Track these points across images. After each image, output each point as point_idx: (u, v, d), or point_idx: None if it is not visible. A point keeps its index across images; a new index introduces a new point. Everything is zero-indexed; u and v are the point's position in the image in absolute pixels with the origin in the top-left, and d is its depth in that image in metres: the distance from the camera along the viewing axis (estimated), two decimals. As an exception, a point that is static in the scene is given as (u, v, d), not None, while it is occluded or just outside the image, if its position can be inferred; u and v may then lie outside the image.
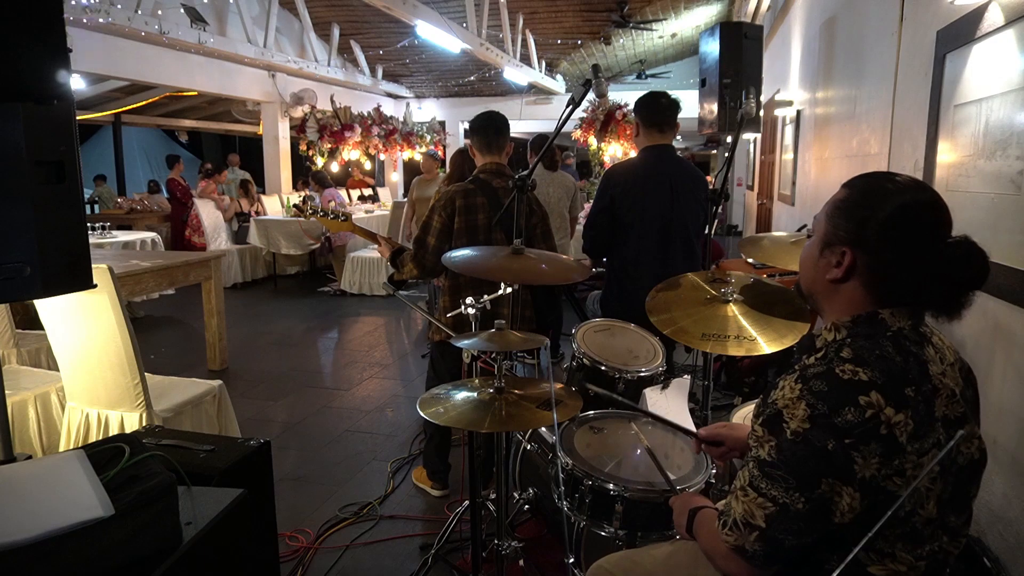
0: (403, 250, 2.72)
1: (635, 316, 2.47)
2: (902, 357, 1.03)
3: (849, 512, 1.00)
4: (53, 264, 1.52)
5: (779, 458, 1.02)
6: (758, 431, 1.07)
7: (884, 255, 1.07)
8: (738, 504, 1.07)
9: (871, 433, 0.97)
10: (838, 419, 0.98)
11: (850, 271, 1.09)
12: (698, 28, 10.47)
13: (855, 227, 1.08)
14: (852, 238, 1.08)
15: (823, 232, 1.14)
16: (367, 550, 2.61)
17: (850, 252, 1.08)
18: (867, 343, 1.05)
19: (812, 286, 1.18)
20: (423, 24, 6.89)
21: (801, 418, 1.00)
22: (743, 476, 1.08)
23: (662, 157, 2.94)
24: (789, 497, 1.01)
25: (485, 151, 2.79)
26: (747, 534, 1.05)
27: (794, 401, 1.02)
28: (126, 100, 10.89)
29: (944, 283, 1.05)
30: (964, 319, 1.09)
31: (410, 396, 4.34)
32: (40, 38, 1.47)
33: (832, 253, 1.11)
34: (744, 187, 10.42)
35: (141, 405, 2.59)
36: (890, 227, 1.05)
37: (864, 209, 1.08)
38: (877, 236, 1.06)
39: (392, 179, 12.80)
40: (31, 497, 1.18)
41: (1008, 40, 1.69)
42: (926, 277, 1.06)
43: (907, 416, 0.99)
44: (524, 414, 1.66)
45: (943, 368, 1.07)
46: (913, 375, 1.02)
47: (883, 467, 0.98)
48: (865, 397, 0.98)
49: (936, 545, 1.06)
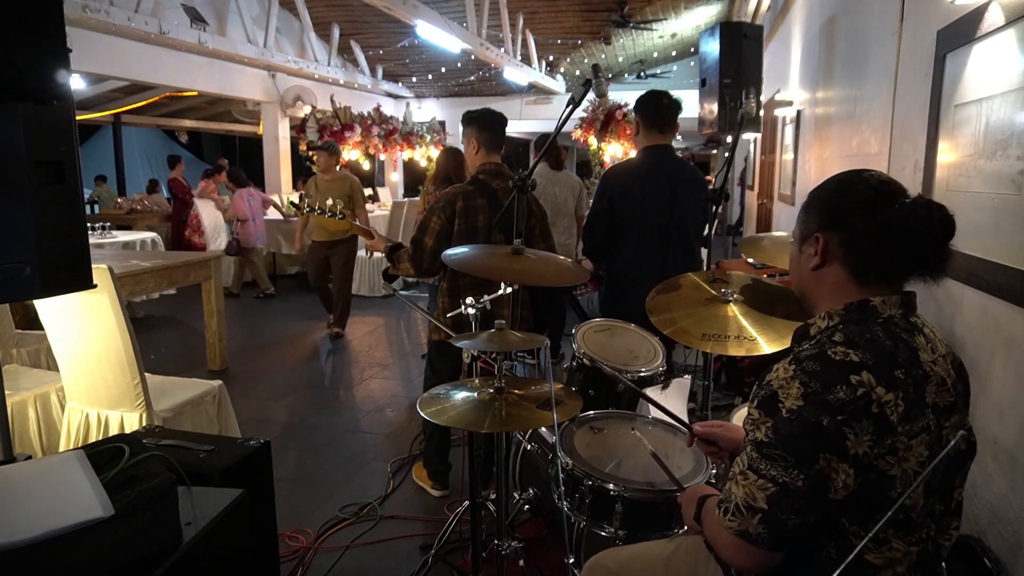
0: (399, 246, 2.72)
1: (634, 316, 2.47)
2: (892, 341, 1.08)
3: (844, 489, 1.03)
4: (53, 264, 1.52)
5: (776, 437, 1.05)
6: (754, 414, 1.10)
7: (853, 225, 1.13)
8: (739, 488, 1.09)
9: (863, 411, 1.01)
10: (830, 396, 1.02)
11: (826, 253, 1.16)
12: (698, 28, 10.47)
13: (821, 214, 1.18)
14: (821, 222, 1.17)
15: (798, 231, 1.24)
16: (367, 550, 2.61)
17: (822, 235, 1.16)
18: (858, 328, 1.10)
19: (800, 283, 1.25)
20: (423, 24, 6.88)
21: (795, 396, 1.04)
22: (741, 461, 1.10)
23: (661, 157, 2.94)
24: (789, 475, 1.03)
25: (492, 149, 2.78)
26: (750, 517, 1.07)
27: (788, 381, 1.06)
28: (126, 100, 10.88)
29: (915, 239, 1.10)
30: (964, 319, 1.10)
31: (410, 396, 4.34)
32: (40, 38, 1.46)
33: (809, 244, 1.20)
34: (744, 187, 10.41)
35: (141, 405, 2.59)
36: (853, 202, 1.13)
37: (825, 199, 1.18)
38: (843, 212, 1.14)
39: (392, 179, 12.80)
40: (31, 497, 1.18)
41: (1008, 40, 1.69)
42: (896, 236, 1.10)
43: (897, 397, 1.03)
44: (524, 414, 1.67)
45: (934, 357, 1.11)
46: (903, 359, 1.06)
47: (875, 445, 1.02)
48: (856, 376, 1.02)
49: (925, 533, 1.10)
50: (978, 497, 1.76)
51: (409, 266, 2.67)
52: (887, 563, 1.08)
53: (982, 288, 1.76)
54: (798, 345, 1.17)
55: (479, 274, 2.22)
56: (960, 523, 1.17)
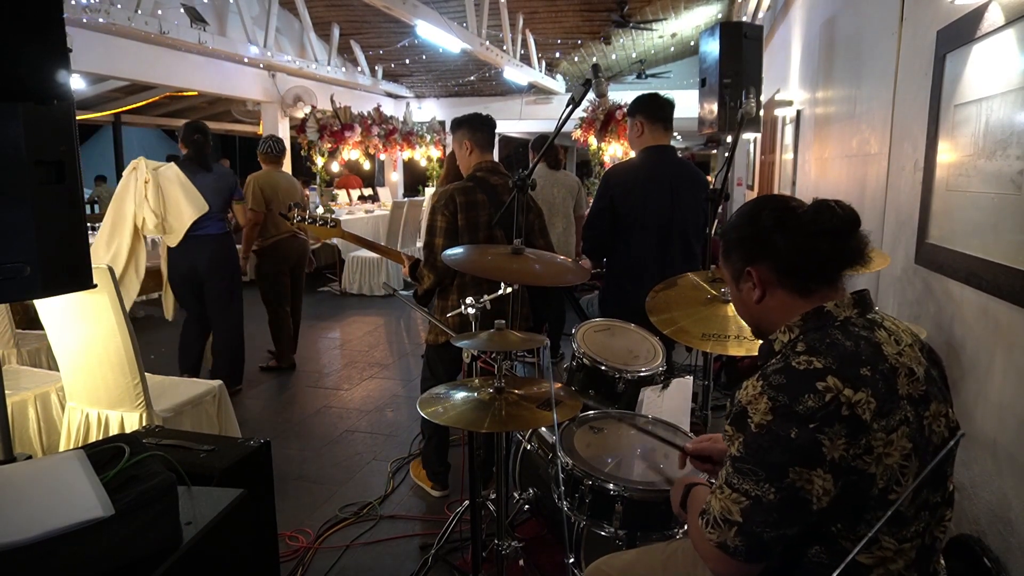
0: (418, 262, 2.70)
1: (634, 316, 2.47)
2: (852, 342, 1.10)
3: (825, 496, 1.03)
4: (53, 264, 1.52)
5: (746, 452, 1.07)
6: (728, 430, 1.12)
7: (775, 248, 1.17)
8: (716, 502, 1.11)
9: (833, 415, 1.02)
10: (799, 407, 1.03)
11: (763, 283, 1.20)
12: (698, 28, 10.46)
13: (743, 250, 1.22)
14: (747, 258, 1.21)
15: (728, 275, 1.28)
16: (367, 550, 2.61)
17: (753, 269, 1.20)
18: (817, 335, 1.12)
19: (752, 318, 1.29)
20: (423, 24, 6.88)
21: (763, 411, 1.05)
22: (720, 475, 1.13)
23: (663, 158, 2.95)
24: (760, 489, 1.05)
25: (485, 149, 2.81)
26: (727, 530, 1.08)
27: (756, 397, 1.07)
28: (126, 100, 10.88)
29: (832, 237, 1.14)
30: (964, 319, 1.10)
31: (410, 396, 4.34)
32: (40, 38, 1.46)
33: (744, 281, 1.23)
34: (744, 187, 10.42)
35: (141, 405, 2.59)
36: (766, 227, 1.17)
37: (739, 236, 1.23)
38: (760, 240, 1.18)
39: (392, 179, 12.80)
40: (31, 497, 1.18)
41: (1008, 40, 1.69)
42: (815, 240, 1.14)
43: (867, 395, 1.04)
44: (524, 414, 1.66)
45: (899, 349, 1.12)
46: (866, 356, 1.08)
47: (850, 447, 1.02)
48: (822, 382, 1.04)
49: (920, 526, 1.10)
50: (978, 497, 1.76)
51: (428, 273, 2.65)
52: (878, 562, 1.08)
53: (982, 288, 1.76)
54: (764, 362, 1.18)
55: (479, 274, 2.22)
56: (952, 513, 1.18)
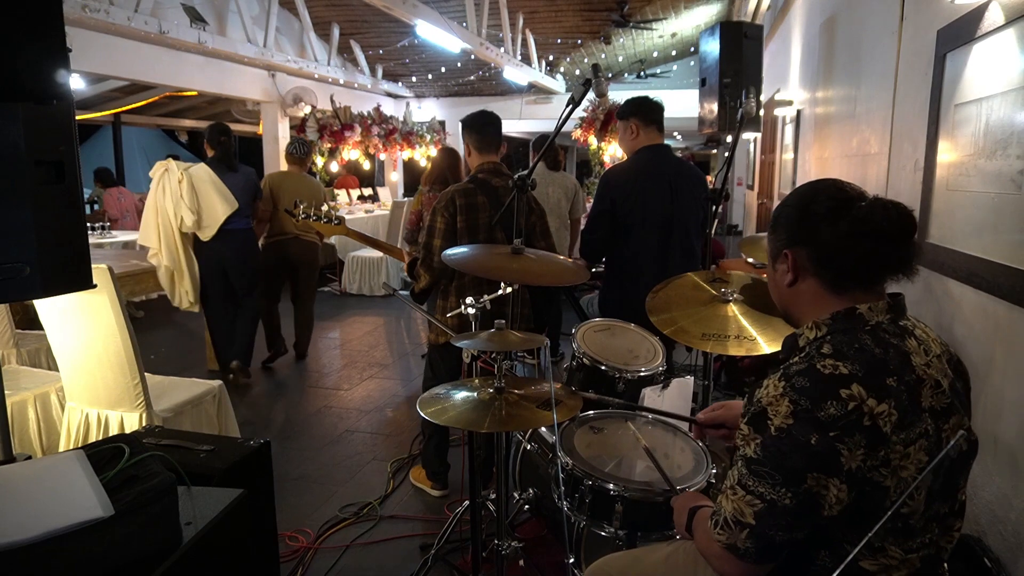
0: (416, 261, 2.71)
1: (634, 316, 2.47)
2: (881, 349, 1.07)
3: (837, 504, 1.02)
4: (53, 264, 1.52)
5: (764, 455, 1.05)
6: (744, 430, 1.10)
7: (818, 238, 1.13)
8: (728, 503, 1.09)
9: (855, 425, 1.00)
10: (821, 413, 1.01)
11: (797, 269, 1.17)
12: (698, 28, 10.46)
13: (787, 231, 1.20)
14: (788, 239, 1.19)
15: (768, 252, 1.26)
16: (367, 550, 2.61)
17: (790, 252, 1.18)
18: (846, 338, 1.09)
19: (781, 300, 1.26)
20: (423, 24, 6.88)
21: (784, 414, 1.03)
22: (732, 475, 1.10)
23: (661, 157, 2.95)
24: (776, 493, 1.03)
25: (485, 150, 2.79)
26: (738, 532, 1.07)
27: (777, 398, 1.05)
28: (126, 100, 10.86)
29: (879, 240, 1.10)
30: (964, 319, 1.10)
31: (410, 396, 4.34)
32: (40, 38, 1.46)
33: (780, 262, 1.21)
34: (744, 186, 10.42)
35: (141, 405, 2.59)
36: (816, 214, 1.14)
37: (788, 216, 1.20)
38: (806, 226, 1.15)
39: (392, 179, 12.79)
40: (31, 497, 1.18)
41: (1008, 39, 1.69)
42: (860, 240, 1.10)
43: (890, 406, 1.01)
44: (524, 414, 1.66)
45: (928, 359, 1.10)
46: (894, 365, 1.05)
47: (868, 458, 1.00)
48: (847, 390, 1.01)
49: (928, 537, 1.08)
50: (978, 497, 1.76)
51: (424, 272, 2.66)
52: (882, 569, 1.07)
53: (982, 288, 1.76)
54: (787, 357, 1.16)
55: (479, 274, 2.22)
56: (963, 523, 1.16)
